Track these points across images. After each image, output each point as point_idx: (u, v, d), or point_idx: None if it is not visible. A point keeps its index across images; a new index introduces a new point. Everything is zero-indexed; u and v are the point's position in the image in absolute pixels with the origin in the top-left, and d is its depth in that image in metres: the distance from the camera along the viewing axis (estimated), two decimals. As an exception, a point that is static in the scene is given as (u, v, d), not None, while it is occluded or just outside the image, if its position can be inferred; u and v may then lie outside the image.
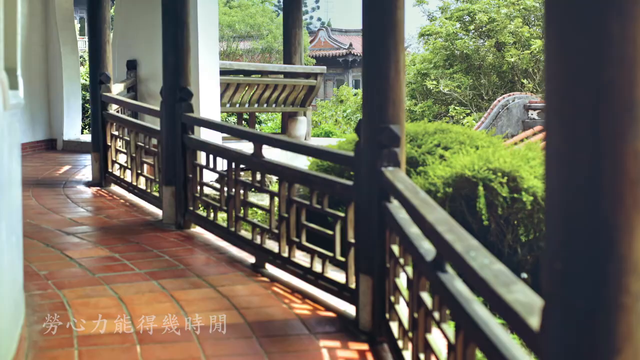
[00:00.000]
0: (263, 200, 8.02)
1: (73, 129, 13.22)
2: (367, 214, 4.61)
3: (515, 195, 5.65)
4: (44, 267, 5.74)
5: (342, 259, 5.01)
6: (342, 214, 5.00)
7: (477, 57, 22.31)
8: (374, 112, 4.55)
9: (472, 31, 22.69)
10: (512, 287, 2.43)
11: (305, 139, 13.94)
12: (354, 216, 4.83)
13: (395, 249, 4.27)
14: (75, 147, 12.69)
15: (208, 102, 10.07)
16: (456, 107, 21.30)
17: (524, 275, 5.65)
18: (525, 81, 21.42)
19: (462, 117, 20.62)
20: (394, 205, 4.35)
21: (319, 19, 76.68)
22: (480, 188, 5.67)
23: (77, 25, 19.70)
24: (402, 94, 4.59)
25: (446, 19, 23.31)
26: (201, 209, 7.13)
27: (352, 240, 4.85)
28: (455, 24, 22.91)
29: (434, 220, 3.30)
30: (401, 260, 4.07)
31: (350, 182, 4.87)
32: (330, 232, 5.12)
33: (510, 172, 5.69)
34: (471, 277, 2.68)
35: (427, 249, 3.50)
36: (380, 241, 4.49)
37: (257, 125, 19.05)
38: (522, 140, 15.17)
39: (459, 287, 2.97)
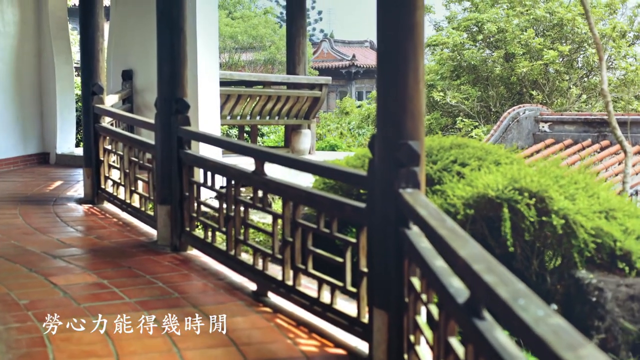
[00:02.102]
0: (265, 218, 7.50)
1: (67, 142, 12.66)
2: (382, 241, 4.09)
3: (544, 218, 5.12)
4: (25, 296, 5.22)
5: (354, 289, 4.49)
6: (353, 240, 4.49)
7: (484, 68, 21.84)
8: (390, 126, 4.04)
9: (480, 42, 22.21)
10: (581, 351, 1.93)
11: (309, 152, 13.42)
12: (366, 242, 4.31)
13: (416, 282, 3.75)
14: (69, 161, 12.14)
15: (207, 114, 9.54)
16: (464, 120, 20.82)
17: (554, 306, 5.12)
18: (534, 93, 20.94)
19: (470, 129, 20.16)
20: (414, 232, 3.84)
21: (322, 31, 76.24)
22: (505, 210, 5.14)
23: (75, 34, 19.23)
24: (422, 106, 4.08)
25: (453, 29, 22.84)
26: (198, 229, 6.61)
27: (365, 270, 4.33)
28: (462, 34, 22.43)
29: (468, 256, 2.78)
30: (423, 297, 3.55)
31: (362, 204, 4.35)
32: (339, 260, 4.60)
33: (538, 192, 5.16)
34: (521, 332, 2.18)
35: (458, 288, 2.98)
36: (398, 272, 3.97)
37: (259, 138, 18.55)
38: (533, 154, 14.69)
39: (502, 340, 2.44)
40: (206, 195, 6.74)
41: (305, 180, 7.64)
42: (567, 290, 5.24)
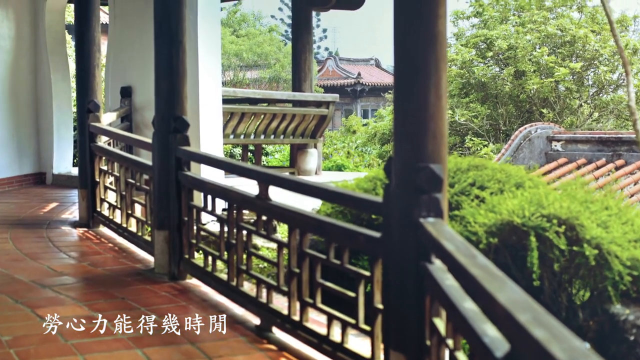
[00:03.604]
0: (270, 242, 7.05)
1: (64, 161, 12.21)
2: (400, 275, 3.66)
3: (575, 247, 4.67)
4: (8, 331, 4.79)
5: (367, 327, 4.06)
6: (366, 273, 4.06)
7: (494, 86, 21.45)
8: (408, 148, 3.61)
9: (489, 59, 21.83)
10: None
11: (315, 173, 12.99)
12: (382, 276, 3.88)
13: (440, 324, 3.32)
14: (66, 182, 11.69)
15: (209, 133, 9.11)
16: (472, 138, 20.41)
17: (587, 345, 4.67)
18: (545, 111, 20.54)
19: (478, 148, 19.75)
20: (437, 267, 3.41)
21: (327, 49, 76.12)
22: (532, 239, 4.69)
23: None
24: (445, 125, 3.66)
25: (462, 45, 22.46)
26: (198, 257, 6.18)
27: (380, 306, 3.91)
28: (471, 50, 22.04)
29: (508, 302, 2.34)
30: (449, 342, 3.11)
31: (376, 234, 3.92)
32: (352, 294, 4.17)
33: (568, 219, 4.71)
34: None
35: (494, 338, 2.55)
36: (418, 311, 3.53)
37: (263, 157, 18.13)
38: (545, 174, 14.26)
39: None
40: (207, 218, 6.33)
41: (312, 203, 7.23)
42: (601, 327, 4.78)
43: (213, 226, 7.36)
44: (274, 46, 43.51)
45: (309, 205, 8.47)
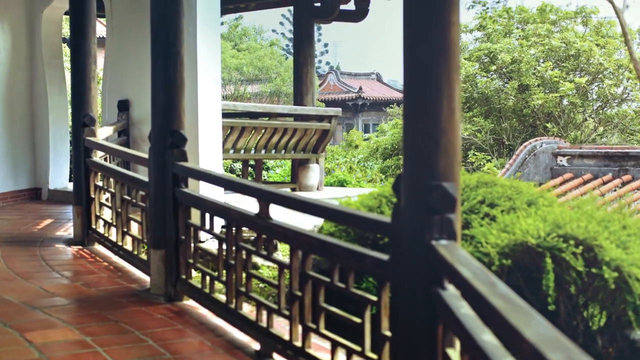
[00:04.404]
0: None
1: (60, 177, 11.92)
2: (409, 301, 3.40)
3: (594, 270, 4.41)
4: (-6, 357, 4.54)
5: (374, 355, 3.80)
6: (373, 298, 3.80)
7: (497, 100, 21.23)
8: (419, 165, 3.36)
9: (492, 72, 21.62)
10: None
11: (317, 188, 12.73)
12: (390, 301, 3.63)
13: (454, 355, 3.08)
14: (62, 197, 11.40)
15: (208, 147, 8.86)
16: (476, 153, 20.17)
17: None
18: (549, 125, 20.31)
19: (482, 163, 19.52)
20: (451, 294, 3.15)
21: (328, 63, 76.12)
22: (548, 260, 4.44)
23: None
24: (458, 141, 3.40)
25: (465, 59, 22.25)
26: (195, 277, 5.92)
27: (388, 333, 3.65)
28: (474, 64, 21.82)
29: (537, 339, 2.10)
30: (466, 377, 2.86)
31: (384, 256, 3.67)
32: (357, 320, 3.91)
33: (586, 240, 4.46)
34: None
35: (519, 376, 2.29)
36: (430, 340, 3.27)
37: (264, 172, 17.89)
38: (551, 189, 14.01)
39: None
40: (206, 235, 6.08)
41: (313, 218, 6.99)
42: (621, 354, 4.52)
43: (212, 243, 7.12)
44: (275, 60, 43.37)
45: (310, 221, 8.23)
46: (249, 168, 13.49)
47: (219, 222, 5.54)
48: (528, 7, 23.21)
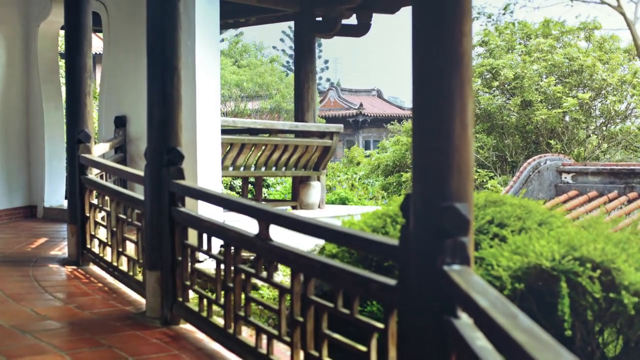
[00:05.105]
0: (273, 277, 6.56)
1: (55, 194, 11.65)
2: (419, 330, 3.19)
3: (612, 294, 4.18)
4: (-21, 386, 4.31)
5: (381, 387, 3.57)
6: (380, 325, 3.57)
7: (500, 116, 21.04)
8: (430, 184, 3.15)
9: (495, 88, 21.44)
10: None
11: (319, 206, 12.48)
12: (397, 329, 3.40)
13: (469, 391, 2.84)
14: (57, 215, 11.14)
15: (207, 164, 8.64)
16: (478, 170, 19.96)
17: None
18: (552, 142, 20.10)
19: (484, 180, 19.31)
20: (464, 323, 2.93)
21: (328, 80, 76.10)
22: (563, 284, 4.20)
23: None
24: (471, 158, 3.19)
25: (467, 75, 22.06)
26: (192, 300, 5.69)
27: (395, 364, 3.42)
28: (476, 80, 21.64)
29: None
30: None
31: (391, 281, 3.45)
32: (363, 348, 3.68)
33: (603, 262, 4.23)
34: None
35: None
36: (441, 372, 3.05)
37: (264, 189, 17.67)
38: (555, 206, 13.78)
39: None
40: (204, 255, 5.85)
41: (314, 239, 6.75)
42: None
43: (211, 263, 6.88)
44: (275, 77, 43.31)
45: (312, 240, 8.00)
46: (249, 185, 13.25)
47: (217, 242, 5.31)
48: (531, 22, 23.05)
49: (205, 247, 5.33)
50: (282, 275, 7.97)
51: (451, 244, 3.05)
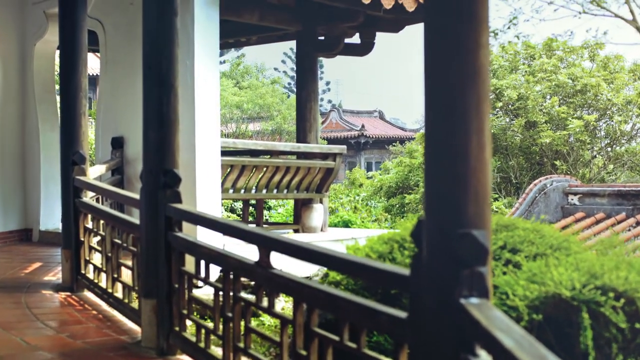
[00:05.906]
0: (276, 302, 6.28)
1: (52, 217, 11.33)
2: (433, 368, 2.91)
3: (637, 325, 3.92)
4: None
5: None
6: (389, 361, 3.31)
7: (504, 137, 20.81)
8: (444, 210, 2.90)
9: (498, 109, 21.22)
10: None
11: (321, 229, 12.21)
12: (409, 367, 3.14)
13: None
14: (54, 239, 10.81)
15: (206, 187, 8.39)
16: (482, 192, 19.73)
17: None
18: (558, 163, 19.86)
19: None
20: (483, 362, 2.67)
21: (330, 101, 76.05)
22: (585, 315, 3.94)
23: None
24: (488, 182, 2.95)
25: (470, 96, 21.90)
26: (190, 329, 5.42)
27: (406, 405, 3.15)
28: (480, 101, 21.46)
29: None
30: None
31: (402, 314, 3.18)
32: (371, 387, 3.42)
33: (626, 291, 3.98)
34: None
35: None
36: (458, 416, 2.79)
37: (265, 212, 17.41)
38: (563, 229, 13.52)
39: None
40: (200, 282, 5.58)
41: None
42: None
43: (209, 289, 6.62)
44: (277, 98, 43.25)
45: (314, 266, 7.73)
46: (250, 208, 12.98)
47: (216, 268, 5.05)
48: (536, 39, 22.92)
49: (203, 274, 5.07)
50: (284, 301, 7.70)
51: (468, 275, 2.80)
